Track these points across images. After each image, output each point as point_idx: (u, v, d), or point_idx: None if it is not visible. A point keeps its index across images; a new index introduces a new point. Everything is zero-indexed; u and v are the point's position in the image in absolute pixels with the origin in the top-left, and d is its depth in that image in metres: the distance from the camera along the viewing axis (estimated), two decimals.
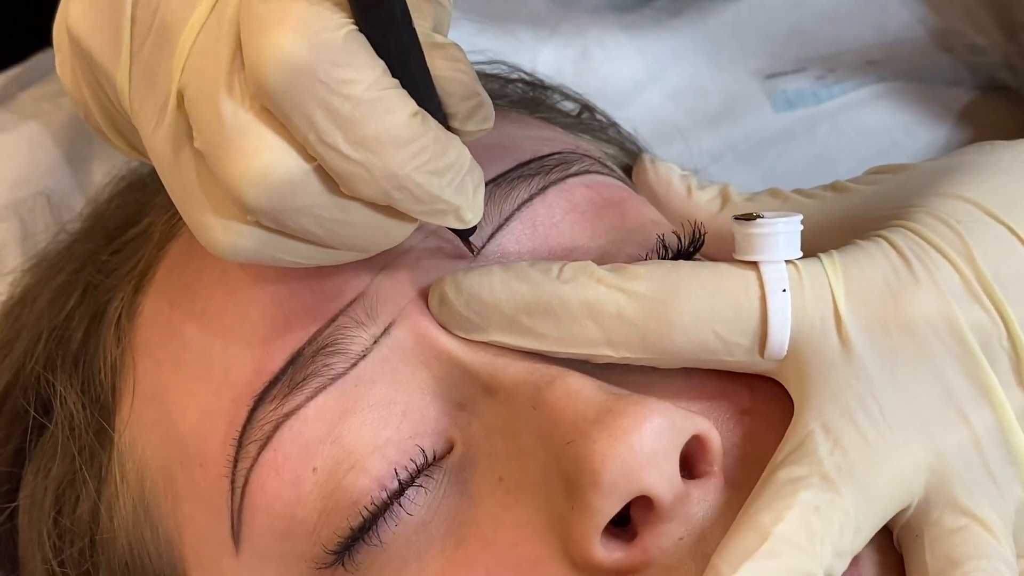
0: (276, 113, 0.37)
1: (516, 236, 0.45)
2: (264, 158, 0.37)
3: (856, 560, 0.39)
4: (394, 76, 0.37)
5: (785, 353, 0.41)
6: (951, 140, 0.70)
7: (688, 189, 0.51)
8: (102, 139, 0.45)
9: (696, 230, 0.47)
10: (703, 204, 0.50)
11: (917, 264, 0.41)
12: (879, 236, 0.42)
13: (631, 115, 0.65)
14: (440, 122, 0.39)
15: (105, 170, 0.64)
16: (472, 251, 0.44)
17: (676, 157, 0.67)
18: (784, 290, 0.40)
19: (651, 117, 0.68)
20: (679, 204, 0.51)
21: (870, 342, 0.40)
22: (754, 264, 0.41)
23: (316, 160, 0.37)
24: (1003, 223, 0.41)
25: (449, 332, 0.42)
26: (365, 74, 0.36)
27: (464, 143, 0.39)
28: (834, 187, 0.48)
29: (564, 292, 0.41)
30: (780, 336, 0.40)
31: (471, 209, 0.40)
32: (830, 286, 0.41)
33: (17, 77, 0.72)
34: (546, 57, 0.69)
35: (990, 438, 0.39)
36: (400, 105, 0.37)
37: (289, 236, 0.39)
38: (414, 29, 0.37)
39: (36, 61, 0.74)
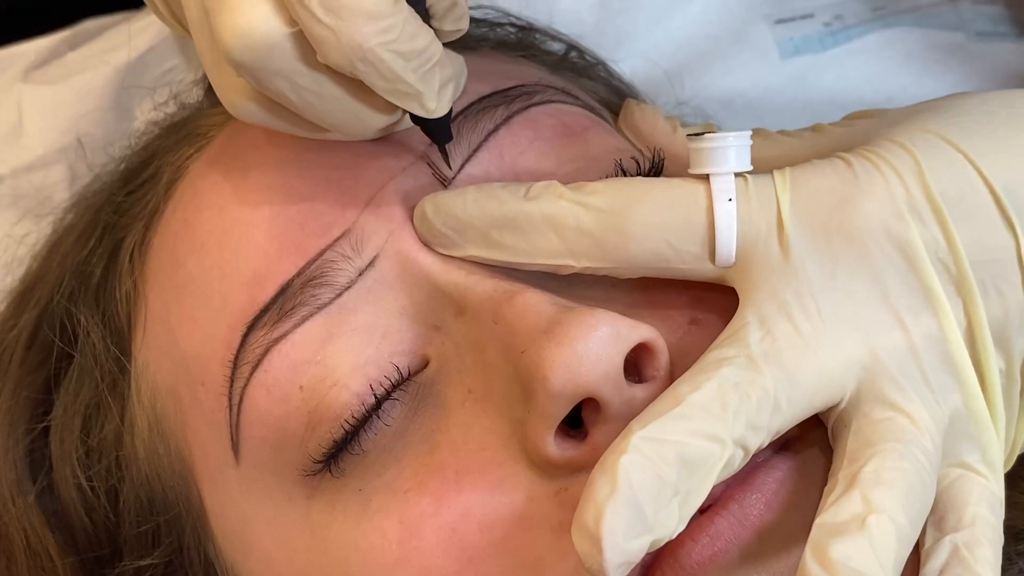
0: None
1: (484, 165, 0.48)
2: (249, 15, 0.39)
3: (789, 441, 0.41)
4: None
5: (733, 259, 0.42)
6: (955, 86, 0.71)
7: (674, 127, 0.52)
8: (156, 15, 0.47)
9: (656, 154, 0.49)
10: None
11: (865, 177, 0.42)
12: (836, 156, 0.43)
13: (644, 61, 0.67)
14: (421, 15, 0.41)
15: (145, 117, 0.68)
16: (449, 166, 0.47)
17: (687, 102, 0.70)
18: (730, 200, 0.42)
19: (663, 63, 0.71)
20: (665, 141, 0.52)
21: (812, 248, 0.41)
22: (705, 177, 0.43)
23: (297, 27, 0.40)
24: (959, 149, 0.42)
25: (430, 252, 0.45)
26: None
27: (442, 43, 0.42)
28: (814, 129, 0.49)
29: (529, 207, 0.43)
30: (727, 243, 0.42)
31: (434, 99, 0.42)
32: (776, 197, 0.42)
33: (68, 39, 0.76)
34: (565, 7, 0.71)
35: (927, 344, 0.40)
36: None
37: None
38: None
39: (86, 25, 0.78)
